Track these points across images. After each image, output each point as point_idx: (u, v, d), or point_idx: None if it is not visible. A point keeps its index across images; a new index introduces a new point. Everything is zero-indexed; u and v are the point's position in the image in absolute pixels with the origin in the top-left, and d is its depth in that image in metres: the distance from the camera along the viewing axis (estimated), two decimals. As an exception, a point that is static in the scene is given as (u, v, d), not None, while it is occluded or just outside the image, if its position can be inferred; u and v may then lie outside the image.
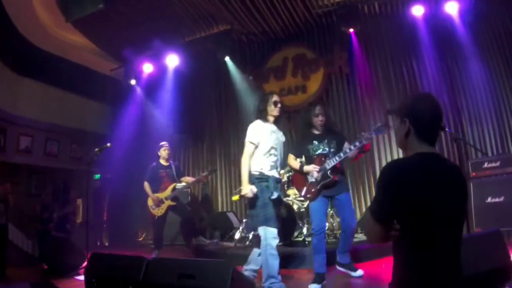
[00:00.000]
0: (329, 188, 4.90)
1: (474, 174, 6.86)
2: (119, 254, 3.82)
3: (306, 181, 4.96)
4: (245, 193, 4.52)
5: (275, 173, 4.77)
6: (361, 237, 7.11)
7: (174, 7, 8.95)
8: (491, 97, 8.09)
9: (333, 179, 4.83)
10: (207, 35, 10.18)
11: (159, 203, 7.42)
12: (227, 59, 10.10)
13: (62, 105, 10.34)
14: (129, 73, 10.66)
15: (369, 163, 8.93)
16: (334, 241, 6.96)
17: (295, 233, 7.03)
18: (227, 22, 9.61)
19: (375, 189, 2.00)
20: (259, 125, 4.83)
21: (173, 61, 10.38)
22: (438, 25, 8.43)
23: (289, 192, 7.64)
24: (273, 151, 4.75)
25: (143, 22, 9.45)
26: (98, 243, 10.07)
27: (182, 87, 10.74)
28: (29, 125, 9.68)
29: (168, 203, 7.44)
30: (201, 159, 11.09)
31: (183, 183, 8.04)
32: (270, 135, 4.77)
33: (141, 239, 10.69)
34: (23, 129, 9.62)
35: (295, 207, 7.16)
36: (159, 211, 7.43)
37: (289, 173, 7.72)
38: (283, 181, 7.68)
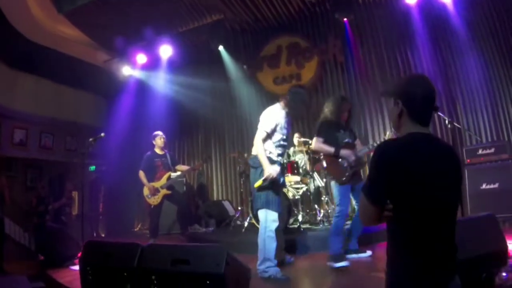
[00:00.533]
0: (354, 175, 5.03)
1: (468, 160, 6.86)
2: (113, 241, 3.80)
3: (340, 165, 4.99)
4: (270, 174, 4.51)
5: (281, 159, 4.89)
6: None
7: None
8: (485, 85, 8.10)
9: (365, 165, 4.97)
10: (200, 25, 10.10)
11: (154, 192, 7.40)
12: (221, 48, 10.06)
13: (56, 98, 10.27)
14: (122, 64, 10.60)
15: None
16: (328, 227, 7.00)
17: (290, 220, 7.04)
18: (219, 11, 9.55)
19: (368, 170, 1.96)
20: (277, 114, 4.83)
21: (166, 51, 10.30)
22: (432, 13, 8.43)
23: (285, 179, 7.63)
24: (283, 142, 4.86)
25: (135, 13, 9.35)
26: (94, 235, 10.04)
27: (176, 78, 10.69)
28: (23, 118, 9.61)
29: (163, 192, 7.43)
30: (196, 148, 11.11)
31: (178, 172, 8.03)
32: (283, 127, 4.83)
33: (137, 229, 10.68)
34: (18, 122, 9.55)
35: (289, 195, 7.18)
36: (155, 200, 7.42)
37: (284, 161, 7.71)
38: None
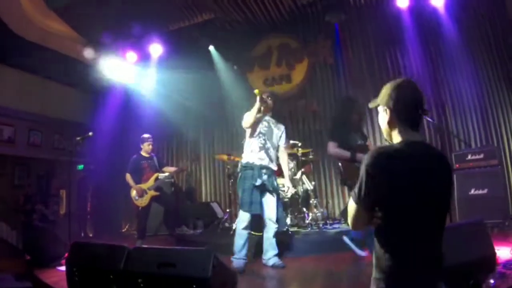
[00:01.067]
0: None
1: (457, 165, 6.86)
2: (100, 243, 3.76)
3: (356, 170, 4.89)
4: None
5: (262, 161, 5.04)
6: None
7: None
8: (475, 89, 8.13)
9: None
10: (191, 24, 10.04)
11: (142, 193, 7.34)
12: (211, 48, 10.03)
13: (44, 95, 10.13)
14: (111, 61, 10.46)
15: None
16: (316, 231, 7.02)
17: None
18: (210, 10, 9.50)
19: (359, 175, 1.96)
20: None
21: (156, 50, 10.24)
22: (423, 17, 8.45)
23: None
24: (260, 135, 5.16)
25: (126, 10, 9.27)
26: (82, 234, 9.91)
27: (166, 77, 10.59)
28: (11, 115, 9.43)
29: (151, 193, 7.37)
30: (185, 149, 11.02)
31: (166, 173, 7.97)
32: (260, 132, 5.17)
33: (124, 230, 10.59)
34: (5, 118, 9.39)
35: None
36: (142, 202, 7.36)
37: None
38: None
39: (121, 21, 9.50)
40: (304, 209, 7.61)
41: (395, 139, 2.07)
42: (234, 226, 7.20)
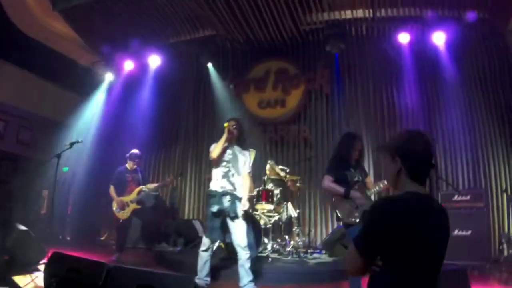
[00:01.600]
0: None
1: (443, 205, 6.81)
2: (80, 256, 3.67)
3: (349, 206, 4.78)
4: None
5: (224, 188, 5.15)
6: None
7: (162, 6, 8.87)
8: (468, 131, 8.19)
9: None
10: (192, 39, 10.08)
11: (123, 206, 7.23)
12: (210, 65, 10.02)
13: (39, 94, 10.04)
14: (109, 68, 10.50)
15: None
16: (296, 260, 6.92)
17: (260, 248, 6.89)
18: (212, 27, 9.54)
19: (363, 223, 2.02)
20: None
21: (155, 61, 10.24)
22: (423, 54, 8.54)
23: (258, 206, 7.47)
24: (224, 163, 5.26)
25: (129, 18, 9.32)
26: (60, 237, 9.74)
27: (161, 88, 10.57)
28: (4, 110, 9.37)
29: (133, 206, 7.25)
30: (173, 163, 10.82)
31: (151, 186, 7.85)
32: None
33: (103, 238, 10.39)
34: (-1, 114, 9.36)
35: (261, 222, 7.04)
36: (123, 215, 7.24)
37: (259, 188, 7.62)
38: (253, 194, 7.60)
39: (124, 29, 9.54)
40: (286, 237, 7.53)
41: (400, 189, 2.10)
42: (214, 247, 7.10)
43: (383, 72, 9.05)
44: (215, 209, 5.03)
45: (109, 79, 10.65)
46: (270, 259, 6.69)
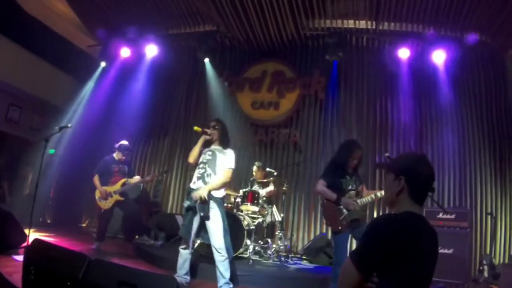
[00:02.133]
0: (354, 221, 4.92)
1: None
2: (61, 245, 3.60)
3: (338, 213, 4.92)
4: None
5: (199, 185, 5.09)
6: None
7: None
8: (458, 149, 8.27)
9: (364, 215, 5.00)
10: (192, 32, 10.04)
11: (106, 196, 7.13)
12: (206, 60, 9.95)
13: (33, 72, 9.92)
14: (105, 53, 10.39)
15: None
16: (277, 264, 6.93)
17: (241, 249, 6.86)
18: (213, 22, 9.49)
19: (362, 239, 2.03)
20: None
21: (152, 50, 10.14)
22: (420, 71, 8.60)
23: (242, 207, 7.46)
24: (201, 165, 5.18)
25: (131, 5, 9.25)
26: (40, 219, 9.60)
27: (155, 79, 10.49)
28: (-5, 85, 9.26)
29: (116, 197, 7.15)
30: (160, 155, 10.68)
31: (135, 179, 7.74)
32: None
33: (84, 225, 10.26)
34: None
35: (245, 223, 6.99)
36: (106, 204, 7.14)
37: (245, 189, 7.65)
38: (238, 195, 7.68)
39: (125, 15, 9.47)
40: (268, 240, 7.50)
41: (398, 207, 2.14)
42: (196, 243, 7.04)
43: (379, 84, 9.08)
44: (186, 204, 5.03)
45: (104, 65, 10.53)
46: (251, 261, 6.65)
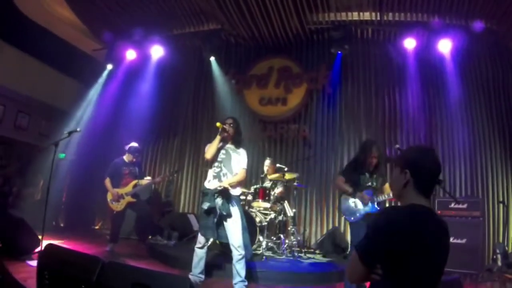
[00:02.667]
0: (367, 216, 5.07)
1: (439, 212, 6.83)
2: (75, 248, 3.65)
3: (355, 205, 5.15)
4: None
5: (215, 184, 5.15)
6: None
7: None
8: (468, 139, 8.21)
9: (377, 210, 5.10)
10: (196, 31, 10.03)
11: (118, 198, 7.20)
12: (212, 59, 9.95)
13: (39, 79, 10.00)
14: (111, 56, 10.44)
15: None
16: (291, 259, 6.93)
17: (254, 246, 6.89)
18: (218, 21, 9.49)
19: (366, 232, 2.05)
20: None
21: (157, 52, 10.15)
22: (427, 60, 8.55)
23: (254, 204, 7.50)
24: (217, 163, 5.25)
25: (134, 7, 9.27)
26: (53, 223, 9.68)
27: (161, 80, 10.53)
28: (2, 93, 9.32)
29: (128, 199, 7.22)
30: (170, 155, 10.75)
31: (147, 180, 7.80)
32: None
33: (97, 227, 10.35)
34: (-3, 97, 9.29)
35: (257, 220, 7.03)
36: (118, 206, 7.21)
37: (256, 186, 7.72)
38: (249, 192, 7.70)
39: (128, 18, 9.49)
40: (281, 235, 7.51)
41: (405, 200, 2.14)
42: (209, 242, 7.08)
43: (386, 75, 9.05)
44: (206, 206, 5.04)
45: (110, 68, 10.58)
46: (264, 257, 6.69)
